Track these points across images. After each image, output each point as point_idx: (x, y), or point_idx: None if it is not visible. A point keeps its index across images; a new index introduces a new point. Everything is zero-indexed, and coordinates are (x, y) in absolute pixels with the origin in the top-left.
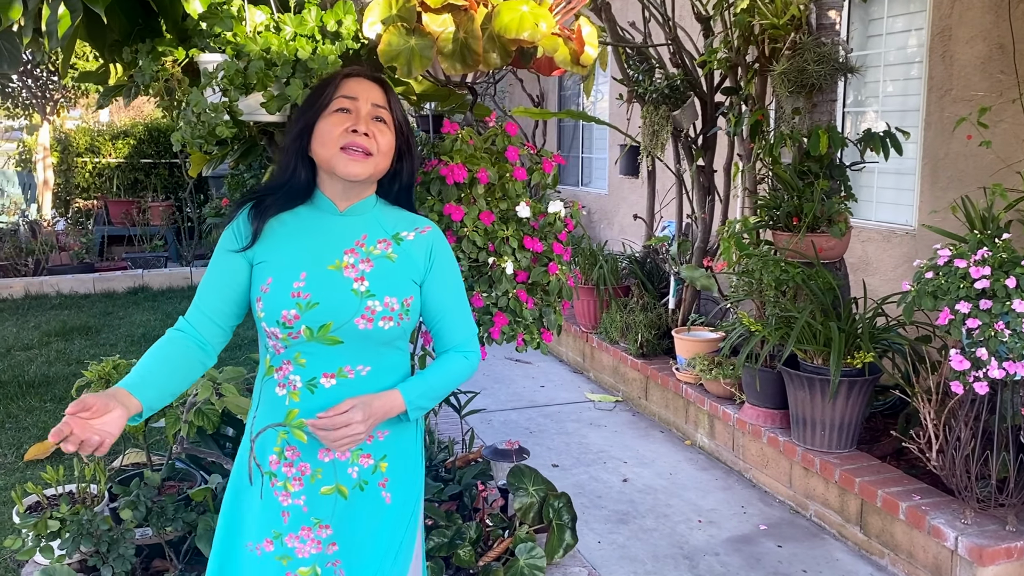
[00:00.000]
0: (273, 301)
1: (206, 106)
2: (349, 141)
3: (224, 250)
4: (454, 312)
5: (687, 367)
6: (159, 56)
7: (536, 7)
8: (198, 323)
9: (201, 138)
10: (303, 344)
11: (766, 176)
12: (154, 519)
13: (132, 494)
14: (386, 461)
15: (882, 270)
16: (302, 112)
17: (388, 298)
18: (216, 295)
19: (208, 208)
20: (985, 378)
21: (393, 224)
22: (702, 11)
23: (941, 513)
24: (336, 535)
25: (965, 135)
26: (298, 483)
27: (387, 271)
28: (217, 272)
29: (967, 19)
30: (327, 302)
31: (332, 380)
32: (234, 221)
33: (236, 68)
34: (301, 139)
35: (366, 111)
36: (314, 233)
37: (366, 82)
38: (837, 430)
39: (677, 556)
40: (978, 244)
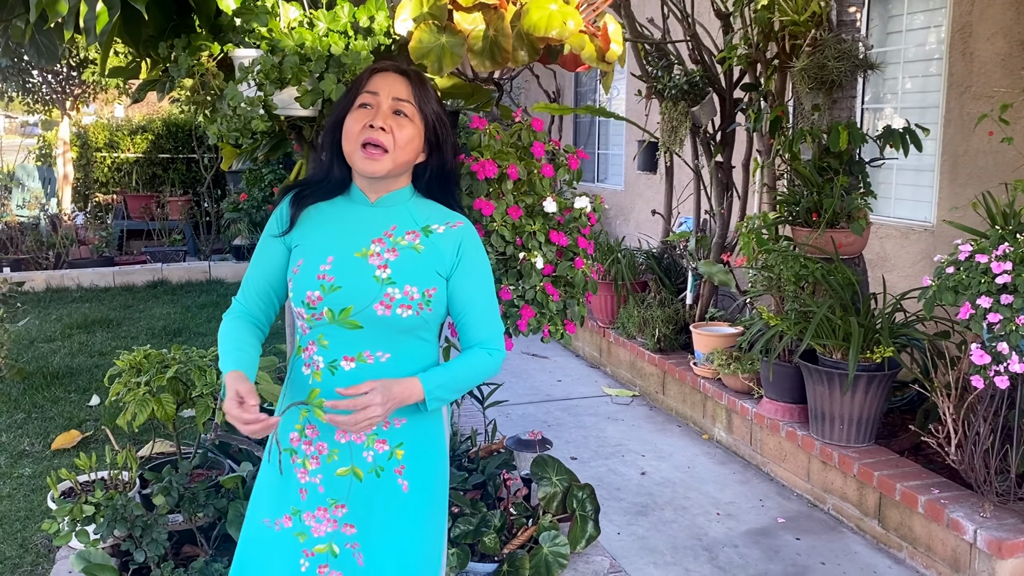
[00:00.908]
0: (301, 282)
1: (242, 100)
2: (367, 136)
3: (267, 235)
4: (480, 308)
5: (705, 362)
6: (195, 51)
7: (564, 5)
8: (248, 302)
9: (237, 131)
10: (325, 326)
11: (785, 172)
12: (186, 505)
13: (164, 480)
14: (403, 449)
15: (900, 266)
16: (335, 108)
17: (408, 287)
18: (261, 277)
19: (226, 203)
20: (1006, 372)
21: (425, 217)
22: (721, 7)
23: (960, 507)
24: (352, 515)
25: (986, 132)
26: (315, 461)
27: (411, 261)
28: (261, 255)
29: (988, 16)
30: (349, 286)
31: (352, 363)
32: (277, 208)
33: (272, 63)
34: (334, 134)
35: (387, 105)
36: (345, 221)
37: (391, 76)
38: (855, 424)
39: (696, 548)
40: (999, 239)
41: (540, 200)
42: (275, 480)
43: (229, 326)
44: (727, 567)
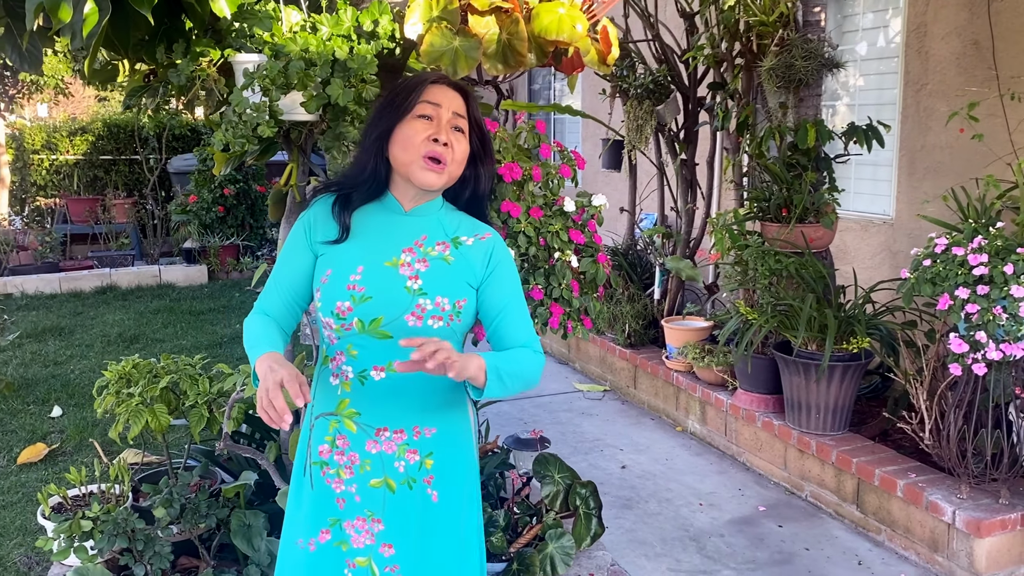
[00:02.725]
0: (330, 292)
1: (248, 106)
2: (429, 150)
3: (295, 241)
4: (516, 312)
5: (678, 355)
6: (197, 56)
7: (571, 9)
8: (272, 309)
9: (243, 137)
10: (355, 336)
11: (753, 169)
12: (188, 516)
13: (164, 492)
14: (432, 459)
15: (860, 258)
16: (383, 113)
17: (440, 298)
18: (288, 284)
19: (173, 205)
20: (983, 359)
21: (455, 228)
22: (686, 7)
23: (937, 489)
24: (388, 533)
25: (942, 128)
26: (349, 471)
27: (442, 272)
28: (289, 262)
29: (942, 16)
30: (380, 297)
31: (382, 373)
32: (307, 214)
33: (277, 68)
34: (381, 140)
35: (447, 119)
36: (376, 230)
37: (449, 90)
38: (831, 413)
39: (684, 538)
40: (973, 232)
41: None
42: (307, 496)
43: (257, 321)
44: (716, 556)
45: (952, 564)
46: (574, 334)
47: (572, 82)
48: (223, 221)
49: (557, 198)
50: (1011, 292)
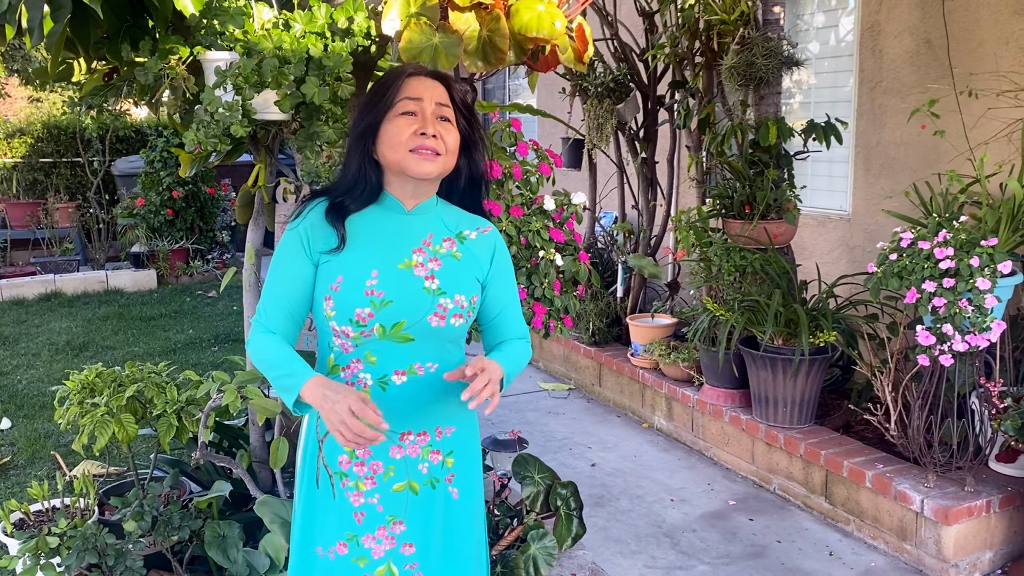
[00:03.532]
0: (345, 299)
1: (220, 104)
2: (418, 144)
3: (292, 251)
4: (514, 307)
5: (644, 353)
6: (166, 54)
7: (550, 6)
8: (274, 323)
9: (215, 137)
10: (374, 342)
11: (714, 167)
12: (160, 528)
13: (135, 504)
14: (452, 457)
15: (818, 253)
16: (364, 113)
17: (458, 296)
18: (289, 297)
19: (119, 208)
20: (950, 351)
21: (456, 223)
22: (644, 6)
23: (905, 479)
24: (410, 533)
25: (896, 124)
26: (370, 482)
27: (454, 269)
28: (286, 273)
29: (895, 15)
30: (401, 300)
31: (403, 377)
32: (302, 223)
33: (251, 66)
34: (365, 140)
35: (431, 111)
36: (383, 232)
37: (428, 80)
38: (798, 406)
39: (657, 534)
40: (938, 227)
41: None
42: (327, 506)
43: (270, 342)
44: (691, 552)
45: (920, 552)
46: (556, 333)
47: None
48: (172, 224)
49: (536, 196)
50: (976, 284)
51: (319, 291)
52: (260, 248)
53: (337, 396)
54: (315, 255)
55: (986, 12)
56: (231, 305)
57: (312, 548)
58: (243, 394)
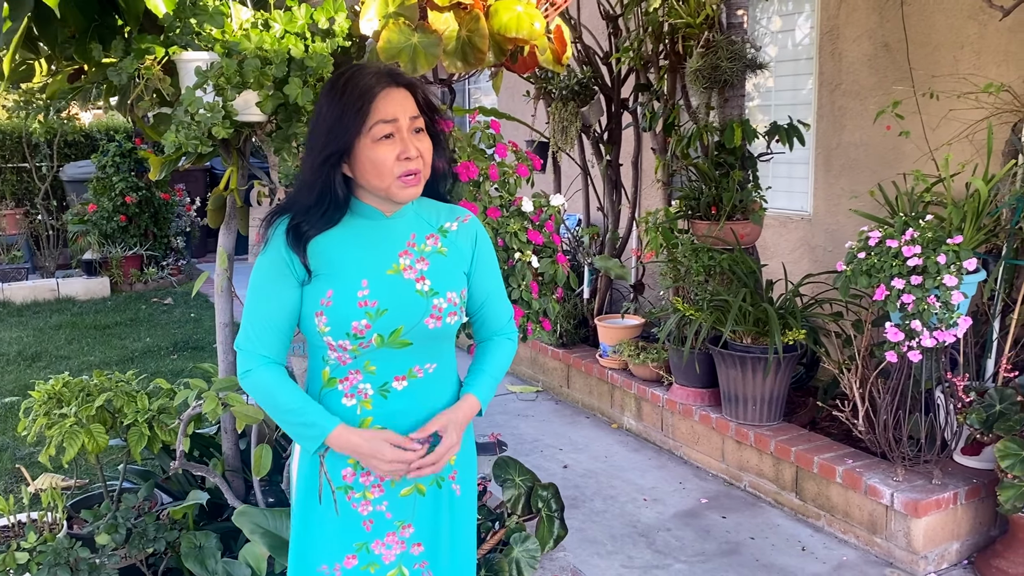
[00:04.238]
0: (339, 313)
1: (202, 106)
2: (404, 170)
3: (276, 273)
4: (498, 295)
5: (612, 353)
6: (141, 54)
7: (529, 7)
8: (269, 349)
9: (196, 139)
10: (372, 352)
11: (679, 168)
12: (135, 541)
13: (107, 517)
14: (455, 455)
15: (780, 253)
16: (332, 133)
17: (450, 293)
18: (281, 319)
19: (69, 214)
20: (918, 347)
21: (435, 217)
22: (608, 10)
23: (874, 473)
24: (419, 534)
25: (855, 126)
26: (378, 490)
27: (442, 266)
28: (278, 299)
29: (853, 19)
30: (396, 307)
31: (403, 382)
32: (273, 246)
33: (233, 67)
34: (331, 161)
35: (407, 127)
36: (365, 240)
37: (398, 93)
38: (767, 404)
39: (633, 534)
40: (904, 225)
41: (513, 200)
42: (330, 522)
43: (272, 380)
44: (666, 551)
45: (891, 544)
46: (534, 337)
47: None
48: (125, 231)
49: (514, 198)
50: (943, 281)
51: (308, 307)
52: (232, 253)
53: (374, 448)
54: (301, 273)
55: (941, 16)
56: (188, 312)
57: (316, 567)
58: (224, 401)
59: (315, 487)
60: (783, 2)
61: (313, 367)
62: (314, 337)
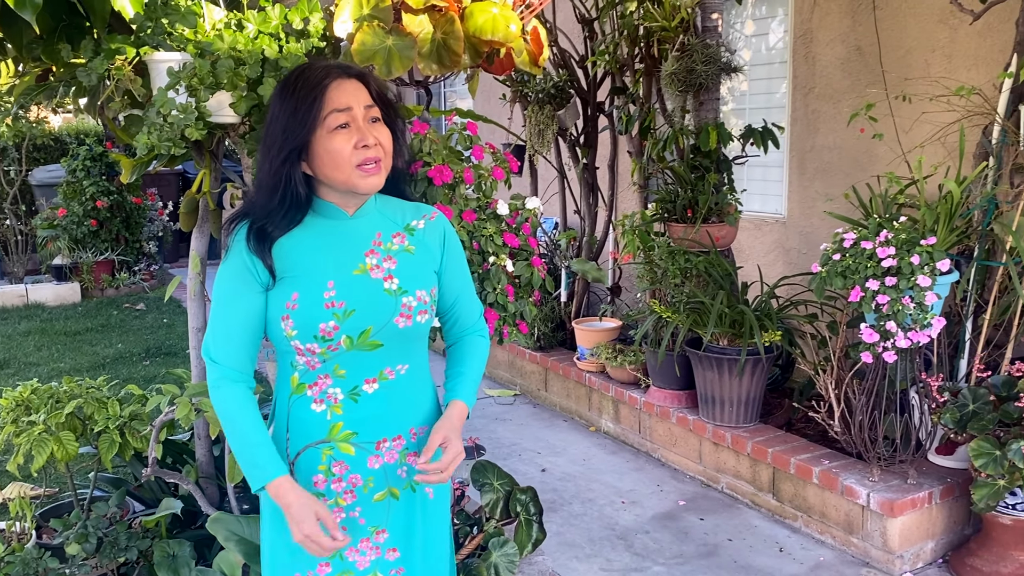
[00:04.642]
0: (305, 316)
1: (174, 107)
2: (363, 158)
3: (240, 281)
4: (469, 293)
5: (590, 356)
6: (112, 55)
7: (504, 9)
8: (237, 362)
9: (169, 141)
10: (342, 355)
11: (655, 171)
12: (107, 550)
13: (77, 526)
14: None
15: (755, 256)
16: (288, 130)
17: (419, 291)
18: (246, 328)
19: (39, 219)
20: (893, 347)
21: (400, 216)
22: (584, 13)
23: (850, 474)
24: (393, 539)
25: (829, 130)
26: (350, 496)
27: (410, 265)
28: (244, 307)
29: (827, 23)
30: (364, 307)
31: (374, 385)
32: (234, 252)
33: (206, 67)
34: (290, 159)
35: (362, 116)
36: (329, 241)
37: (349, 83)
38: (744, 406)
39: (611, 537)
40: (878, 227)
41: (489, 203)
42: None
43: (235, 403)
44: (645, 553)
45: (867, 544)
46: (510, 340)
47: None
48: (96, 235)
49: (491, 201)
50: (918, 282)
51: (274, 312)
52: (205, 256)
53: (301, 515)
54: (265, 277)
55: (913, 21)
56: (160, 318)
57: (290, 574)
58: (197, 407)
59: None
60: (758, 6)
61: (282, 373)
62: (282, 343)
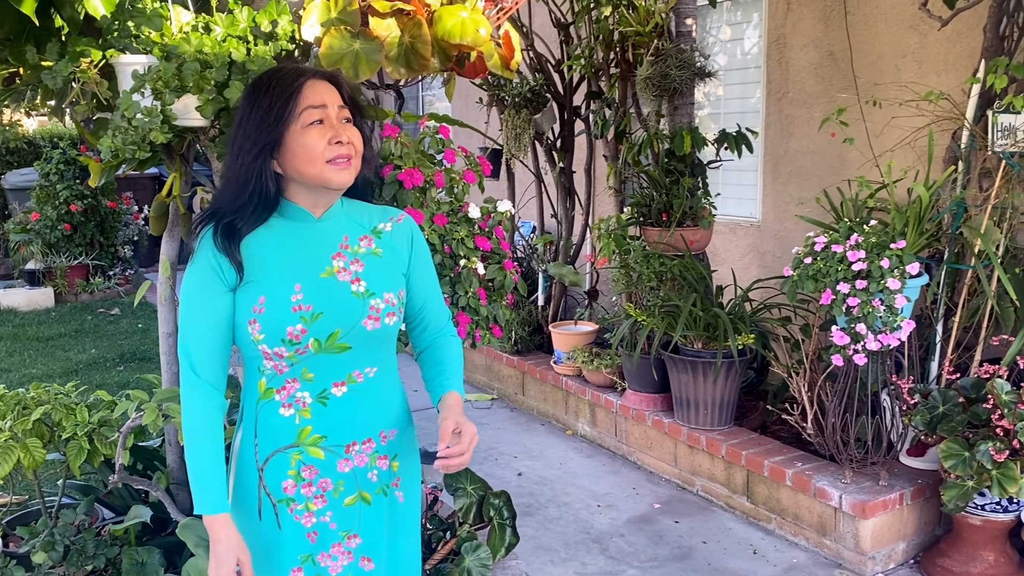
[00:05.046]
0: (273, 319)
1: (139, 110)
2: (336, 154)
3: (209, 285)
4: (437, 295)
5: (567, 360)
6: (77, 57)
7: (474, 13)
8: (209, 370)
9: (134, 144)
10: (310, 358)
11: (631, 176)
12: (74, 558)
13: (45, 534)
14: (397, 460)
15: (730, 259)
16: (263, 126)
17: (387, 294)
18: (216, 334)
19: (11, 223)
20: (864, 350)
21: (367, 219)
22: (560, 18)
23: (823, 476)
24: (366, 544)
25: (803, 134)
26: (321, 500)
27: (378, 267)
28: (212, 311)
29: (800, 29)
30: (331, 310)
31: (343, 388)
32: (203, 253)
33: (171, 70)
34: (264, 155)
35: (335, 115)
36: (296, 243)
37: (323, 84)
38: (719, 408)
39: (586, 541)
40: (849, 231)
41: (461, 206)
42: (271, 537)
43: (204, 422)
44: (619, 556)
45: (839, 546)
46: (483, 343)
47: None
48: (70, 240)
49: (462, 204)
50: (887, 285)
51: (241, 315)
52: (175, 261)
53: (225, 556)
54: (232, 278)
55: (884, 26)
56: (135, 323)
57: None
58: (165, 412)
59: (254, 503)
60: (732, 11)
61: (249, 379)
62: (249, 347)
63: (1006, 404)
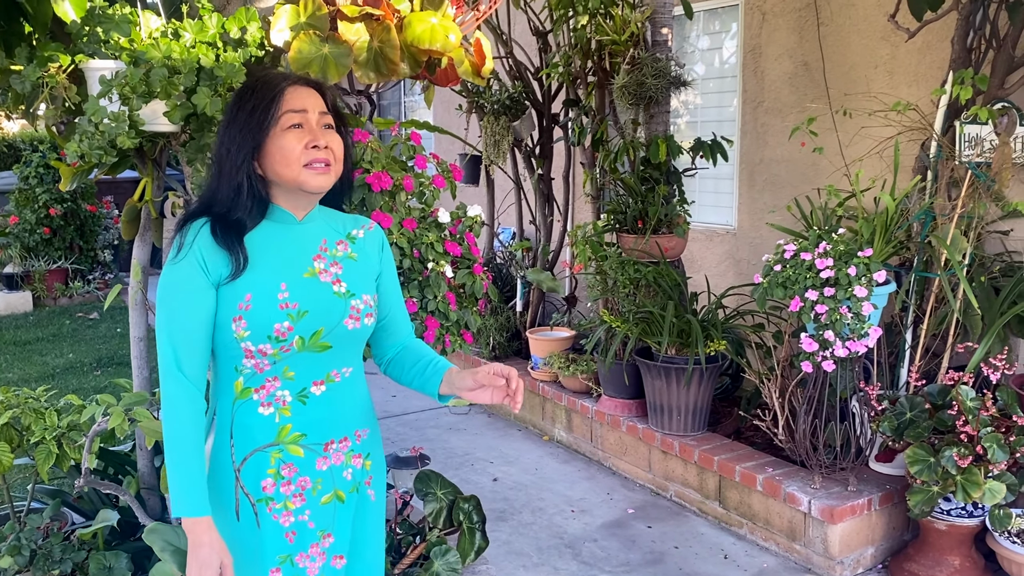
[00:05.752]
0: (260, 316)
1: (106, 115)
2: (312, 158)
3: (193, 282)
4: (401, 303)
5: (543, 366)
6: (45, 62)
7: (444, 19)
8: (195, 370)
9: (100, 149)
10: (293, 356)
11: (607, 183)
12: (40, 563)
13: (11, 538)
14: (370, 459)
15: (706, 266)
16: (244, 130)
17: (365, 296)
18: (202, 333)
19: None
20: (832, 357)
21: (341, 225)
22: (539, 26)
23: (793, 481)
24: (339, 544)
25: (778, 143)
26: (299, 499)
27: (355, 270)
28: (197, 309)
29: (775, 39)
30: (316, 309)
31: (322, 387)
32: (195, 250)
33: (138, 76)
34: (247, 159)
35: (316, 120)
36: (280, 244)
37: (305, 89)
38: (692, 414)
39: (559, 546)
40: (818, 239)
41: (429, 211)
42: (250, 537)
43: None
44: (592, 561)
45: (808, 551)
46: (453, 349)
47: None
48: (49, 243)
49: (432, 210)
50: (854, 292)
51: (224, 313)
52: (147, 265)
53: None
54: (216, 276)
55: (856, 38)
56: (114, 327)
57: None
58: (131, 416)
59: (230, 504)
60: (711, 21)
61: (223, 380)
62: (228, 346)
63: (970, 411)
